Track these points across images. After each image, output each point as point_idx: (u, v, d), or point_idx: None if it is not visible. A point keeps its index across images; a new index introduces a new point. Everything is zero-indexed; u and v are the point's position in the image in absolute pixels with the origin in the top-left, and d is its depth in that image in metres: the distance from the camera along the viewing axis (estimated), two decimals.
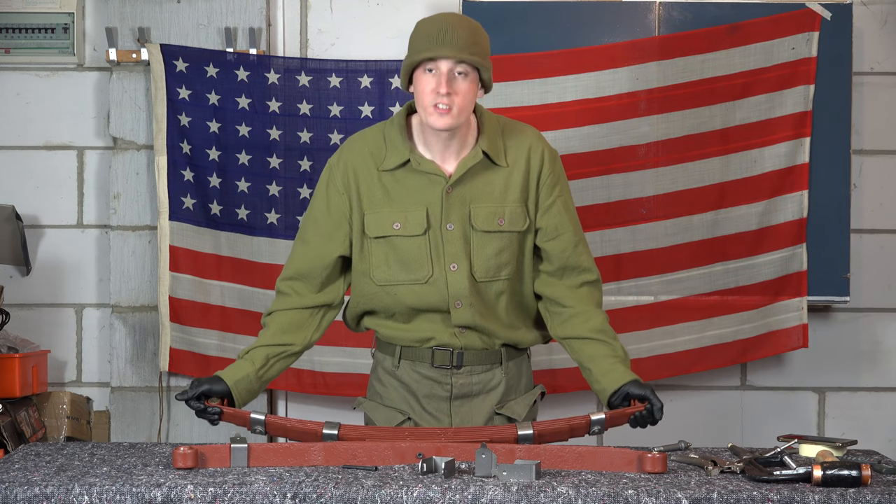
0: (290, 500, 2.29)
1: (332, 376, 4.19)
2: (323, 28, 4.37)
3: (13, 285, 4.35)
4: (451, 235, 2.74)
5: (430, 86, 2.65)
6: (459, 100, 2.65)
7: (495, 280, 2.77)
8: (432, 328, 2.79)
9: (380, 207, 2.75)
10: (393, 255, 2.75)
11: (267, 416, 2.66)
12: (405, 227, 2.74)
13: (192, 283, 4.21)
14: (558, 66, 4.16)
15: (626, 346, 4.17)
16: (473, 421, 2.80)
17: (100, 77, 4.37)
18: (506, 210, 2.75)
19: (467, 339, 2.79)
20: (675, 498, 2.28)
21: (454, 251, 2.74)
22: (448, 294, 2.74)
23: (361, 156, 2.77)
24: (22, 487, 2.31)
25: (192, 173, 4.20)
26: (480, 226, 2.74)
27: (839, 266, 4.23)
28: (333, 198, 2.78)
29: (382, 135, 2.79)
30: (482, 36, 2.70)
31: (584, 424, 2.65)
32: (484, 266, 2.75)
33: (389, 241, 2.75)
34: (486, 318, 2.78)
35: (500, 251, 2.76)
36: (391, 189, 2.75)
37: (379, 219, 2.75)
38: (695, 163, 4.20)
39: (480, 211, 2.74)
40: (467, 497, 2.28)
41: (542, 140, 2.83)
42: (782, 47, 4.18)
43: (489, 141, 2.76)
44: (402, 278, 2.76)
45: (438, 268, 2.74)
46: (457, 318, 2.76)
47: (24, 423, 4.05)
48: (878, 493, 2.30)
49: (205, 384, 2.70)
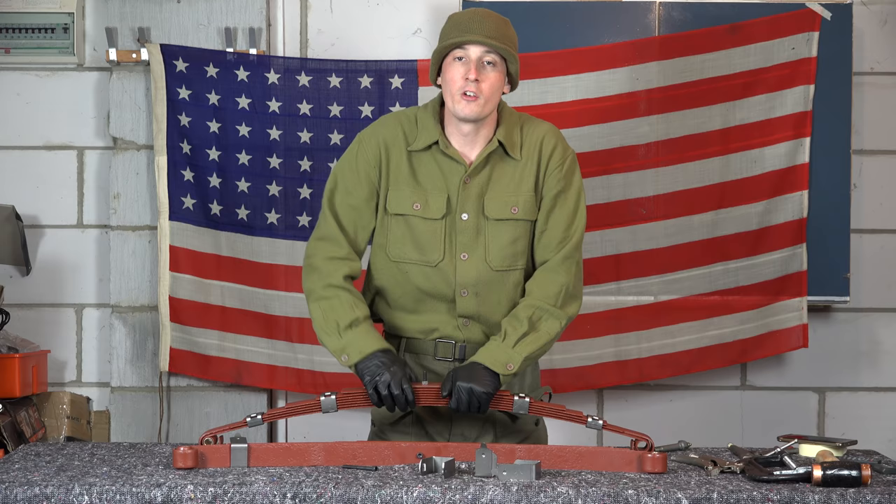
0: (290, 500, 2.29)
1: (332, 376, 4.19)
2: (323, 28, 4.37)
3: (13, 285, 4.35)
4: (465, 225, 2.76)
5: (460, 72, 2.70)
6: (487, 88, 2.70)
7: (512, 269, 2.79)
8: (437, 319, 2.79)
9: (403, 186, 2.78)
10: (409, 234, 2.78)
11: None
12: (424, 210, 2.77)
13: (192, 282, 4.21)
14: (558, 66, 4.16)
15: (626, 346, 4.23)
16: (475, 416, 2.80)
17: (100, 77, 4.37)
18: (519, 199, 2.78)
19: (471, 332, 2.79)
20: (675, 498, 2.28)
21: (466, 241, 2.77)
22: (455, 282, 2.76)
23: (395, 133, 2.80)
24: (22, 487, 2.31)
25: (192, 173, 4.20)
26: (493, 215, 2.76)
27: (839, 266, 4.23)
28: (363, 169, 2.80)
29: (415, 117, 2.82)
30: (511, 30, 2.76)
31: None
32: (500, 254, 2.77)
33: (407, 220, 2.78)
34: (491, 311, 2.79)
35: (516, 239, 2.78)
36: (417, 170, 2.78)
37: (400, 196, 2.78)
38: (695, 163, 4.20)
39: (494, 201, 2.77)
40: (467, 497, 2.28)
41: (557, 135, 2.85)
42: (782, 47, 4.18)
43: (506, 132, 2.79)
44: (414, 258, 2.78)
45: (450, 254, 2.76)
46: (461, 308, 2.77)
47: (24, 423, 4.05)
48: (878, 493, 2.30)
49: (390, 367, 2.64)
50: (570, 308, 2.78)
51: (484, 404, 2.65)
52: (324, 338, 2.74)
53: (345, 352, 2.69)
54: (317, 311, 2.76)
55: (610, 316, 4.22)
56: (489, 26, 2.70)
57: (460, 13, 2.78)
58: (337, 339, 2.71)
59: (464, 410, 2.66)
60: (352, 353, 2.69)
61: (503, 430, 2.83)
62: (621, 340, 4.22)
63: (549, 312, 2.74)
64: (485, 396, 2.64)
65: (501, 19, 2.75)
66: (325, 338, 2.74)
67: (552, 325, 2.75)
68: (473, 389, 2.64)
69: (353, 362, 2.69)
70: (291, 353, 4.24)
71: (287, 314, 4.23)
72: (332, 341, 2.72)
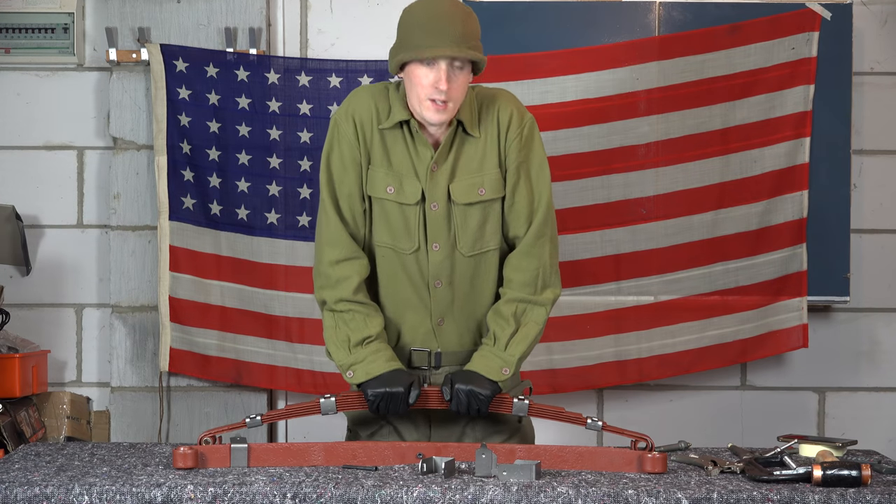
0: (290, 500, 2.29)
1: (332, 376, 4.19)
2: (323, 28, 4.37)
3: (13, 285, 4.35)
4: (435, 215, 2.72)
5: (428, 80, 2.62)
6: (456, 93, 2.65)
7: (485, 251, 2.75)
8: (412, 318, 2.75)
9: (377, 167, 2.73)
10: (384, 217, 2.73)
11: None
12: (398, 194, 2.71)
13: (192, 282, 4.21)
14: (558, 66, 4.16)
15: (626, 346, 4.23)
16: (453, 420, 2.78)
17: (100, 77, 4.37)
18: (485, 179, 2.73)
19: (445, 334, 2.76)
20: (675, 498, 2.28)
21: (435, 230, 2.72)
22: (428, 272, 2.73)
23: (368, 106, 2.73)
24: (22, 487, 2.31)
25: (192, 173, 4.20)
26: (461, 199, 2.72)
27: (839, 266, 4.23)
28: (347, 153, 2.73)
29: (387, 90, 2.76)
30: (474, 21, 2.67)
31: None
32: (471, 239, 2.74)
33: (381, 204, 2.73)
34: (465, 304, 2.75)
35: (484, 221, 2.74)
36: (390, 149, 2.73)
37: (375, 177, 2.73)
38: (695, 163, 4.20)
39: (459, 185, 2.72)
40: (467, 497, 2.28)
41: (512, 102, 2.78)
42: (782, 47, 4.18)
43: (463, 111, 2.73)
44: (388, 242, 2.74)
45: (423, 244, 2.72)
46: (435, 301, 2.74)
47: (24, 423, 4.05)
48: (878, 493, 2.30)
49: (393, 391, 2.64)
50: (550, 291, 2.75)
51: (483, 406, 2.65)
52: (332, 349, 2.73)
53: (352, 369, 2.69)
54: (329, 319, 2.74)
55: (610, 316, 4.22)
56: (456, 30, 2.60)
57: (421, 9, 2.65)
58: (346, 355, 2.69)
59: (464, 412, 2.66)
60: (359, 372, 2.68)
61: (483, 431, 2.79)
62: (621, 340, 4.22)
63: (532, 302, 2.73)
64: (484, 398, 2.64)
65: (464, 13, 2.64)
66: (333, 349, 2.73)
67: (538, 313, 2.74)
68: (473, 391, 2.64)
69: (358, 381, 2.68)
70: (291, 353, 4.24)
71: (287, 314, 4.23)
72: (341, 356, 2.70)
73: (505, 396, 2.68)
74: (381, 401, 2.63)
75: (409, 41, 2.65)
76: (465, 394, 2.64)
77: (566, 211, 4.13)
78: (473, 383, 2.64)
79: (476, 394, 2.63)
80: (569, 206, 4.15)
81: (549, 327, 2.79)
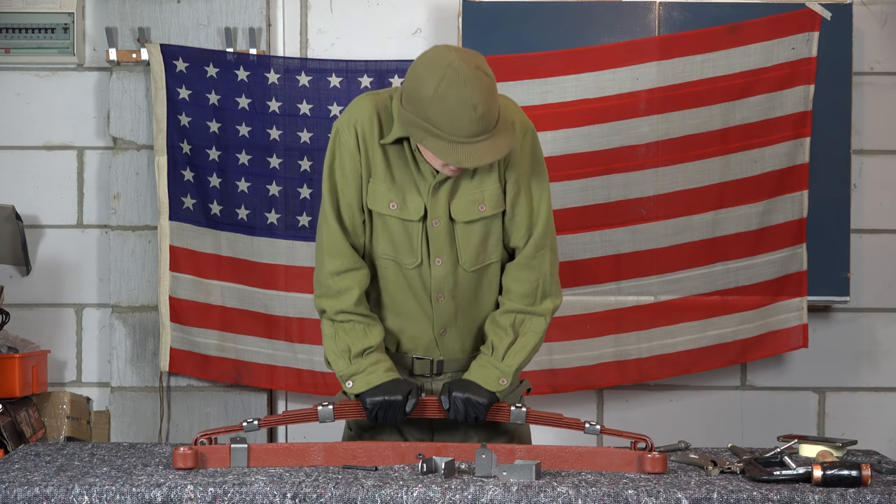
0: (290, 500, 2.29)
1: (331, 376, 4.18)
2: (323, 28, 4.37)
3: (13, 285, 4.35)
4: (437, 231, 2.70)
5: (443, 161, 2.55)
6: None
7: (487, 264, 2.73)
8: (413, 328, 2.75)
9: (379, 181, 2.69)
10: (386, 232, 2.71)
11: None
12: (401, 210, 2.68)
13: (192, 282, 4.21)
14: (558, 66, 4.16)
15: (626, 346, 4.23)
16: (454, 427, 2.78)
17: (100, 77, 4.37)
18: (485, 194, 2.69)
19: (447, 344, 2.76)
20: (675, 498, 2.28)
21: (438, 246, 2.70)
22: (431, 286, 2.71)
23: (370, 119, 2.67)
24: (22, 487, 2.31)
25: (192, 173, 4.20)
26: (461, 217, 2.69)
27: (839, 266, 4.23)
28: (348, 163, 2.69)
29: (389, 101, 2.69)
30: (495, 97, 2.53)
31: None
32: (473, 254, 2.72)
33: (384, 219, 2.70)
34: (467, 315, 2.75)
35: (486, 237, 2.72)
36: (393, 163, 2.69)
37: (377, 192, 2.69)
38: (695, 163, 4.20)
39: (460, 203, 2.69)
40: (467, 497, 2.28)
41: (513, 111, 2.69)
42: (782, 47, 4.18)
43: None
44: (393, 255, 2.71)
45: (426, 258, 2.70)
46: (438, 313, 2.73)
47: (24, 423, 4.05)
48: (878, 493, 2.30)
49: (391, 400, 2.64)
50: (550, 301, 2.74)
51: (481, 414, 2.65)
52: (332, 358, 2.72)
53: (352, 379, 2.68)
54: (328, 328, 2.73)
55: (610, 316, 4.22)
56: (482, 125, 2.48)
57: (444, 101, 2.47)
58: (346, 365, 2.68)
59: (462, 420, 2.65)
60: (358, 382, 2.67)
61: (485, 435, 2.78)
62: (621, 340, 4.22)
63: (531, 313, 2.72)
64: (482, 406, 2.64)
65: (488, 92, 2.49)
66: (333, 358, 2.71)
67: (537, 323, 2.73)
68: (470, 399, 2.64)
69: (357, 392, 2.67)
70: (291, 353, 4.24)
71: (287, 314, 4.23)
72: (341, 365, 2.69)
73: (502, 405, 2.68)
74: (378, 409, 2.63)
75: (428, 124, 2.52)
76: (462, 402, 2.64)
77: (566, 211, 4.13)
78: (470, 391, 2.64)
79: (473, 401, 2.64)
80: (569, 206, 4.15)
81: (550, 327, 2.78)
